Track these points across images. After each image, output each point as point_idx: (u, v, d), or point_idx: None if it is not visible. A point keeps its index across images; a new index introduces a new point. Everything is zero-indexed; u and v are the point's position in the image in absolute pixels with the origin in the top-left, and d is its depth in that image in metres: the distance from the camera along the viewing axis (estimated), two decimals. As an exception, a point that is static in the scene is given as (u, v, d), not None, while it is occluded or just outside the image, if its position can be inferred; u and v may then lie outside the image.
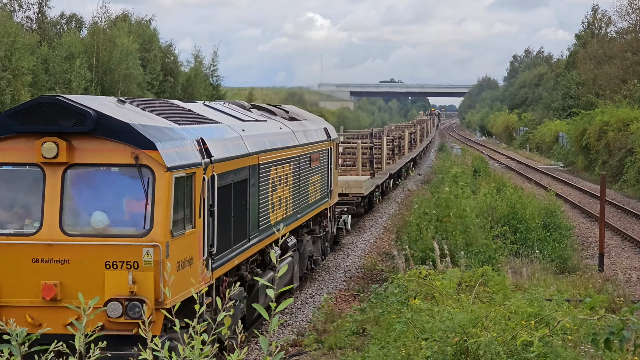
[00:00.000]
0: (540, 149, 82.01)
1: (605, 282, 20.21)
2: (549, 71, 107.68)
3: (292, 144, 17.75)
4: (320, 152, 21.09)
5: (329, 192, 22.70)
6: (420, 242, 21.70)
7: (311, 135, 20.33)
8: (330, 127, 24.05)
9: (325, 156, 22.10)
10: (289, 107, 22.02)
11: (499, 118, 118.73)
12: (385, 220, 33.95)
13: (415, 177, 52.47)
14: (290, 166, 17.54)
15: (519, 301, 12.44)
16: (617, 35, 76.59)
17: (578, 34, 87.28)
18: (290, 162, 17.58)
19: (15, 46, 49.12)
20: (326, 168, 22.23)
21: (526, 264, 21.72)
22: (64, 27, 68.43)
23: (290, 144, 17.67)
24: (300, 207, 18.83)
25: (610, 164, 52.47)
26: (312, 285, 21.70)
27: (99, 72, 58.89)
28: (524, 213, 25.67)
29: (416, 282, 14.40)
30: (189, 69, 77.84)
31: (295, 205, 18.15)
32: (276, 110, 19.44)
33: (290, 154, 17.51)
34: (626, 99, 60.96)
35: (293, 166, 17.83)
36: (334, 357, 14.99)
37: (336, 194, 24.57)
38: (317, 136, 21.15)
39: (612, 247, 28.05)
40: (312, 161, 19.88)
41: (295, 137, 18.40)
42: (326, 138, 22.32)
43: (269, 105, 20.01)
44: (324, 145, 21.84)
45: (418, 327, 11.95)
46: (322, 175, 21.66)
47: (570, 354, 11.14)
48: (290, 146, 17.57)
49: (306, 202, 19.45)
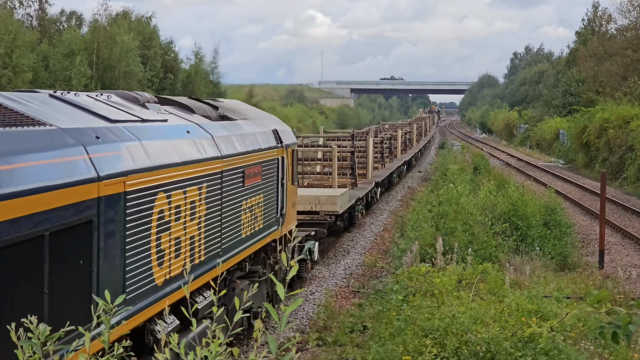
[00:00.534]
0: (540, 146, 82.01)
1: (605, 279, 20.23)
2: (550, 68, 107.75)
3: (205, 156, 11.98)
4: (263, 164, 15.24)
5: (278, 216, 16.61)
6: (421, 239, 21.72)
7: (249, 141, 14.65)
8: (286, 128, 18.35)
9: (273, 168, 16.15)
10: (228, 103, 17.07)
11: (500, 115, 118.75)
12: (385, 217, 33.95)
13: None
14: (199, 189, 11.68)
15: (518, 298, 12.46)
16: (618, 33, 76.59)
17: (578, 31, 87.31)
18: (202, 182, 11.76)
19: (16, 43, 49.20)
20: (274, 184, 16.23)
21: (526, 261, 21.74)
22: (64, 25, 68.47)
23: (202, 155, 11.90)
24: (225, 245, 12.88)
25: (611, 162, 52.47)
26: (312, 282, 21.72)
27: (99, 69, 58.89)
28: (524, 210, 25.67)
29: (416, 280, 14.42)
30: (189, 66, 77.93)
31: (212, 245, 12.29)
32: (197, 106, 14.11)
33: (201, 170, 11.71)
34: (626, 97, 60.95)
35: (207, 188, 12.03)
36: (334, 354, 15.00)
37: (293, 216, 18.50)
38: (259, 142, 15.28)
39: (613, 244, 28.06)
40: (248, 177, 14.15)
41: (216, 144, 12.67)
42: (275, 144, 16.39)
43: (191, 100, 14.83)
44: (271, 153, 15.92)
45: (418, 325, 11.97)
46: (268, 194, 15.65)
47: (571, 350, 11.16)
48: (201, 159, 11.80)
49: (236, 236, 13.50)
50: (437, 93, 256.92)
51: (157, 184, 10.24)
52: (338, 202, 25.41)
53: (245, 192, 14.03)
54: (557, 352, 10.79)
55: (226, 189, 12.89)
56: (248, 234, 14.30)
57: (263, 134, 15.96)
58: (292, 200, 18.12)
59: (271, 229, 16.04)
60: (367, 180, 35.23)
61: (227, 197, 12.96)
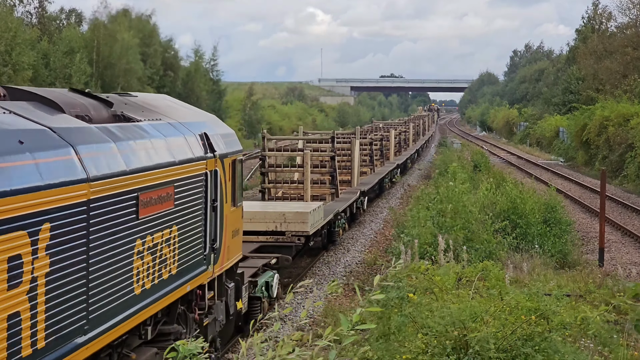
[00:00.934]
0: (540, 144, 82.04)
1: (605, 277, 20.23)
2: (550, 66, 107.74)
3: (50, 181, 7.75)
4: (179, 183, 11.06)
5: (208, 252, 12.27)
6: (421, 237, 21.73)
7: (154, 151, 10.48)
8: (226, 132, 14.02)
9: (198, 188, 11.87)
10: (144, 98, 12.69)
11: (500, 113, 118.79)
12: (385, 215, 33.96)
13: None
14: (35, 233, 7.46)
15: (518, 296, 12.47)
16: (618, 31, 76.58)
17: (579, 29, 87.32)
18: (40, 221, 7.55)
19: (16, 41, 49.20)
20: (200, 210, 11.91)
21: (526, 259, 21.76)
22: (64, 22, 68.48)
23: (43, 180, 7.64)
24: (97, 313, 8.68)
25: (611, 159, 52.49)
26: (312, 280, 21.74)
27: (99, 67, 58.90)
28: (524, 208, 25.69)
29: (416, 277, 14.43)
30: (189, 63, 77.94)
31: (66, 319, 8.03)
32: (71, 103, 9.81)
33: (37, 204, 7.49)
34: (626, 94, 60.93)
35: (55, 231, 7.78)
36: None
37: (236, 246, 14.05)
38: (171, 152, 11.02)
39: (612, 242, 28.07)
40: (146, 206, 9.92)
41: (80, 160, 8.48)
42: (203, 154, 12.15)
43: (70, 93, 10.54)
44: (194, 167, 11.70)
45: (418, 322, 11.98)
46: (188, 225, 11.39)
47: (569, 349, 11.17)
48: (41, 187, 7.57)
49: (120, 295, 9.22)
50: (437, 91, 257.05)
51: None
52: (309, 219, 20.71)
53: (140, 228, 9.72)
54: (553, 352, 10.80)
55: (98, 228, 8.63)
56: (148, 288, 9.96)
57: (182, 140, 11.62)
58: (233, 227, 13.69)
59: (195, 272, 11.71)
60: (352, 189, 31.19)
61: (102, 239, 8.70)
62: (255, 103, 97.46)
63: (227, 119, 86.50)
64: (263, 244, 20.17)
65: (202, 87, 75.55)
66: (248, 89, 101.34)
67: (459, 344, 11.00)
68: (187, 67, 76.77)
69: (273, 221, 20.64)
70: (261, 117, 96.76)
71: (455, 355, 10.90)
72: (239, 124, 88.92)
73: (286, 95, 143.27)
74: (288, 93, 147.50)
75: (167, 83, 69.66)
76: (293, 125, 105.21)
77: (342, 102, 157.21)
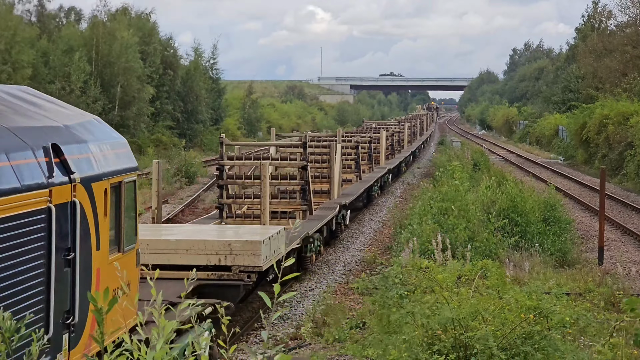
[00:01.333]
0: (540, 142, 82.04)
1: (604, 275, 20.24)
2: (549, 65, 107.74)
3: None
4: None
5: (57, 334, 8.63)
6: (422, 236, 21.70)
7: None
8: (109, 139, 10.41)
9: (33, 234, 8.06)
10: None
11: (499, 112, 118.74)
12: (385, 214, 33.95)
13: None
14: None
15: (517, 294, 12.46)
16: (618, 29, 76.55)
17: (578, 28, 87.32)
18: None
19: (15, 39, 49.19)
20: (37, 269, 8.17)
21: (526, 257, 21.75)
22: (63, 20, 68.47)
23: None
24: None
25: (610, 158, 52.49)
26: (312, 279, 21.71)
27: (98, 65, 58.85)
28: (523, 206, 25.68)
29: (416, 275, 14.41)
30: (188, 62, 77.87)
31: None
32: None
33: None
34: (626, 93, 60.92)
35: None
36: (333, 350, 15.01)
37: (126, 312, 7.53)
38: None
39: (612, 240, 28.08)
40: None
41: None
42: (44, 179, 8.33)
43: None
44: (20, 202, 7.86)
45: (418, 320, 11.96)
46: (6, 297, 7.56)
47: (568, 347, 11.16)
48: None
49: None
50: (436, 89, 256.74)
51: None
52: (262, 251, 15.54)
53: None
54: (553, 350, 10.79)
55: None
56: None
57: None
58: (116, 284, 9.35)
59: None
60: (330, 203, 26.59)
61: None
62: (255, 101, 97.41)
63: (227, 117, 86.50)
64: (201, 282, 15.01)
65: (202, 86, 75.50)
66: (247, 88, 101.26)
67: (458, 343, 10.99)
68: (187, 65, 76.71)
69: (216, 252, 15.50)
70: (260, 115, 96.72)
71: (454, 353, 10.89)
72: (238, 123, 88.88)
73: (286, 94, 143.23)
74: (288, 91, 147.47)
75: (167, 81, 69.62)
76: (293, 124, 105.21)
77: (342, 101, 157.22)
